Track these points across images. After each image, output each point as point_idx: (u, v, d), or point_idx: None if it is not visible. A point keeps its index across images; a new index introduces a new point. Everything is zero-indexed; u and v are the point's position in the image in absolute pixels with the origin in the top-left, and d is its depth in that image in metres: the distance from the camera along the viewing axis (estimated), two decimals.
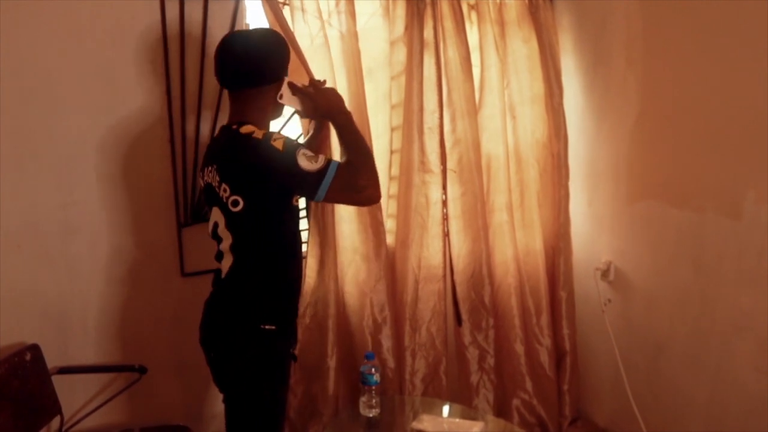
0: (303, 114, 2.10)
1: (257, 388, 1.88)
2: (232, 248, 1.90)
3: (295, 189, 1.86)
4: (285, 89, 1.95)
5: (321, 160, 1.80)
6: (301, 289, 2.05)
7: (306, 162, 1.77)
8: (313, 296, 2.68)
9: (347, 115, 2.00)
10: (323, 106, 2.00)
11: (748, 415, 2.19)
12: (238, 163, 1.83)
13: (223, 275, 1.94)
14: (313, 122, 2.28)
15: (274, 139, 1.78)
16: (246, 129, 1.83)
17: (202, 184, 2.02)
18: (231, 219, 1.87)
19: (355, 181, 1.83)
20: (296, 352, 2.05)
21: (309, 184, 1.79)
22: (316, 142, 2.25)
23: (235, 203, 1.82)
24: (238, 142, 1.83)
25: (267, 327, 1.87)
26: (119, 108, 2.44)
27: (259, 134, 1.81)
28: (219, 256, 1.98)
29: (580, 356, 3.13)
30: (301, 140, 2.29)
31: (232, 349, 1.88)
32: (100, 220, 2.47)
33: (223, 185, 1.84)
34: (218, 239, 1.96)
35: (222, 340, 1.91)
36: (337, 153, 2.39)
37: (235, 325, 1.88)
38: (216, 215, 1.93)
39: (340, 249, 2.73)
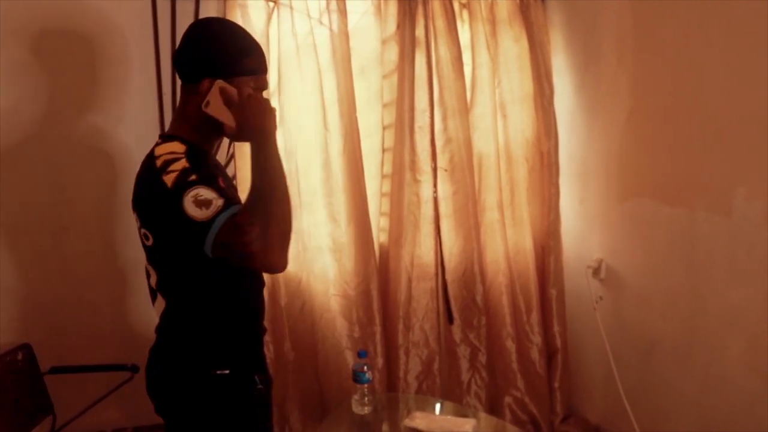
0: (228, 132, 1.53)
1: None
2: (158, 286, 1.59)
3: (183, 239, 1.40)
4: (214, 95, 1.48)
5: (216, 205, 1.35)
6: (260, 321, 1.73)
7: (193, 207, 1.35)
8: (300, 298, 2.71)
9: (268, 135, 1.46)
10: (243, 120, 1.48)
11: (739, 411, 2.20)
12: (139, 191, 1.53)
13: (158, 320, 1.63)
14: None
15: (168, 171, 1.39)
16: (160, 149, 1.46)
17: None
18: (147, 253, 1.58)
19: (242, 234, 1.32)
20: (265, 388, 1.71)
21: (194, 235, 1.36)
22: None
23: (146, 237, 1.53)
24: (146, 163, 1.49)
25: (219, 372, 1.57)
26: (111, 107, 2.44)
27: (163, 159, 1.43)
28: (152, 294, 1.65)
29: (572, 354, 3.14)
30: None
31: (184, 400, 1.58)
32: (93, 219, 2.47)
33: (138, 223, 1.55)
34: (147, 274, 1.65)
35: (171, 391, 1.60)
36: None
37: (184, 374, 1.57)
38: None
39: (324, 247, 2.74)
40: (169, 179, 1.38)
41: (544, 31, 2.97)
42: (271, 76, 2.58)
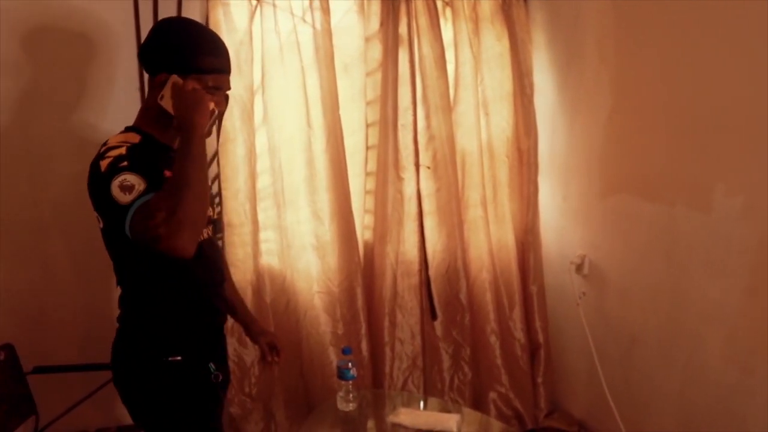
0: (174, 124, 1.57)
1: (170, 426, 1.68)
2: (114, 272, 1.68)
3: (113, 221, 1.46)
4: (167, 89, 1.56)
5: (137, 191, 1.42)
6: (215, 312, 1.79)
7: (118, 191, 1.42)
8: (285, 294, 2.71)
9: (194, 129, 1.50)
10: (176, 112, 1.54)
11: (718, 403, 2.23)
12: (88, 175, 1.55)
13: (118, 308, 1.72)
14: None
15: (105, 157, 1.47)
16: (113, 138, 1.55)
17: None
18: (102, 237, 1.62)
19: (150, 219, 1.38)
20: (222, 377, 1.76)
21: (117, 219, 1.43)
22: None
23: (98, 220, 1.58)
24: (99, 149, 1.54)
25: (171, 359, 1.64)
26: (92, 105, 2.43)
27: (107, 146, 1.52)
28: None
29: (555, 349, 3.16)
30: None
31: (139, 387, 1.67)
32: (74, 218, 2.45)
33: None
34: None
35: (128, 378, 1.68)
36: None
37: (138, 361, 1.66)
38: None
39: (308, 245, 2.75)
40: (103, 164, 1.46)
41: (525, 29, 2.98)
42: (254, 74, 2.59)
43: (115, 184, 1.42)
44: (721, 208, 2.14)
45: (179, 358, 1.65)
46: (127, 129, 1.62)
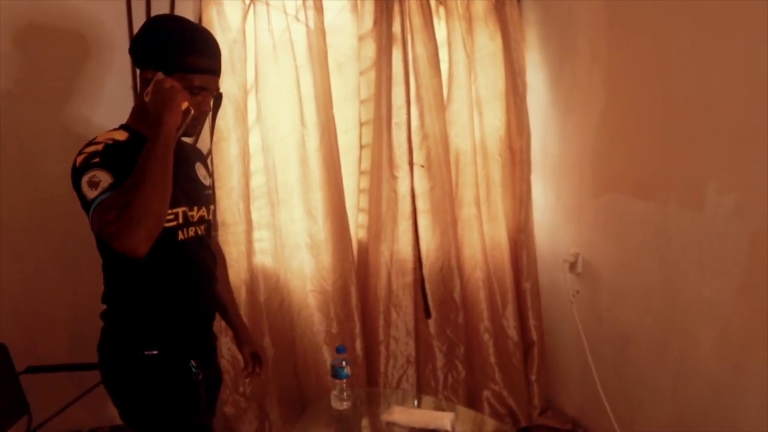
0: None
1: (150, 421, 1.67)
2: (102, 268, 1.70)
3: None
4: (152, 87, 1.55)
5: (102, 187, 1.43)
6: (196, 308, 1.76)
7: (86, 187, 1.43)
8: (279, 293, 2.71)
9: (161, 126, 1.47)
10: (149, 107, 1.53)
11: (711, 401, 2.24)
12: None
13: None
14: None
15: (83, 152, 1.49)
16: (101, 135, 1.57)
17: None
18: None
19: (104, 216, 1.38)
20: (203, 375, 1.74)
21: (85, 211, 1.46)
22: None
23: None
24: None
25: (147, 353, 1.64)
26: (86, 104, 2.43)
27: (89, 141, 1.55)
28: None
29: (549, 347, 3.17)
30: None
31: (118, 381, 1.67)
32: (67, 217, 2.44)
33: None
34: None
35: (109, 374, 1.69)
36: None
37: (117, 354, 1.67)
38: None
39: (302, 244, 2.75)
40: (78, 159, 1.48)
41: (518, 29, 2.99)
42: (248, 73, 2.58)
43: (85, 179, 1.44)
44: (714, 207, 2.15)
45: (155, 352, 1.65)
46: (120, 126, 1.64)
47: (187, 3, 2.50)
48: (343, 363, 2.15)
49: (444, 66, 2.90)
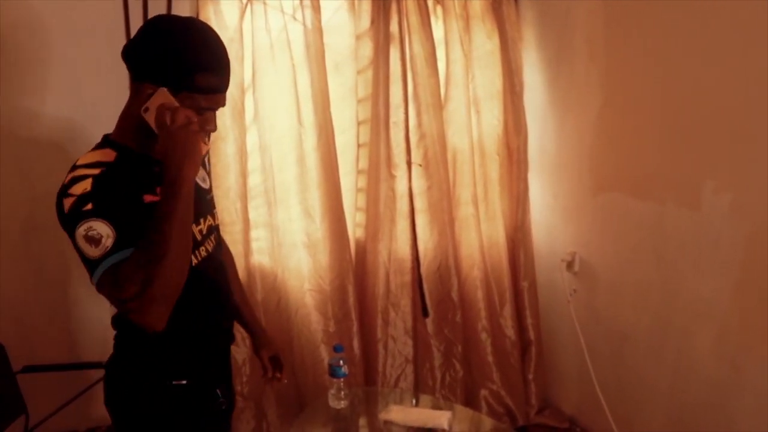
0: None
1: None
2: None
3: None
4: (153, 104, 1.33)
5: (104, 246, 1.24)
6: (218, 332, 1.64)
7: (83, 242, 1.24)
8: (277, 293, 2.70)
9: (182, 182, 1.26)
10: (165, 150, 1.28)
11: (708, 400, 2.24)
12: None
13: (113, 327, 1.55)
14: None
15: (68, 194, 1.29)
16: (84, 157, 1.37)
17: None
18: None
19: (120, 291, 1.21)
20: (227, 402, 1.66)
21: (86, 267, 1.27)
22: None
23: None
24: (67, 174, 1.35)
25: (176, 383, 1.51)
26: (81, 104, 2.43)
27: (72, 174, 1.32)
28: None
29: (547, 346, 3.17)
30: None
31: (141, 412, 1.52)
32: None
33: None
34: None
35: (129, 403, 1.54)
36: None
37: (141, 384, 1.51)
38: None
39: (299, 243, 2.74)
40: (67, 203, 1.28)
41: (515, 28, 2.99)
42: (245, 72, 2.58)
43: (80, 233, 1.25)
44: (710, 206, 2.15)
45: (184, 381, 1.52)
46: (104, 140, 1.43)
47: (184, 3, 2.49)
48: (341, 362, 2.15)
49: (441, 65, 2.90)
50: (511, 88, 2.98)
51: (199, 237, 1.49)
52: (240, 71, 2.55)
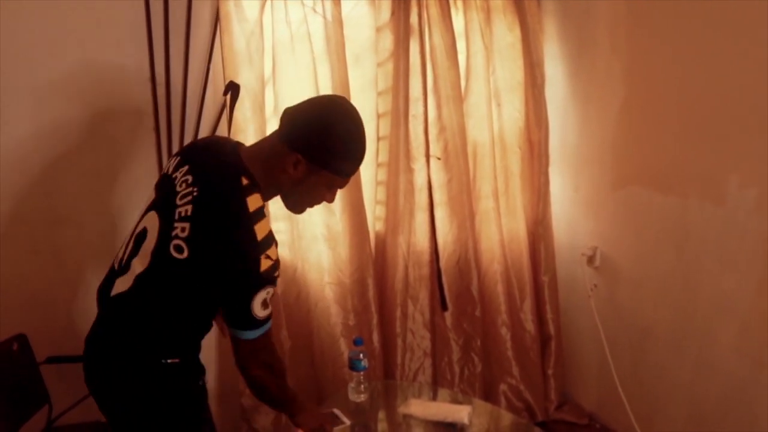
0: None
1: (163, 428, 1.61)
2: (142, 276, 1.53)
3: (225, 303, 1.52)
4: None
5: (265, 314, 1.50)
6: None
7: (258, 304, 1.47)
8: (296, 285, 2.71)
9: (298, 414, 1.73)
10: (292, 409, 1.75)
11: (729, 396, 2.22)
12: (212, 214, 1.47)
13: (113, 297, 1.59)
14: None
15: (267, 255, 1.45)
16: (252, 200, 1.47)
17: (163, 173, 1.65)
18: (164, 251, 1.48)
19: (261, 364, 1.58)
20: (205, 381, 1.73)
21: (240, 320, 1.50)
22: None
23: (179, 249, 1.46)
24: (228, 187, 1.48)
25: (170, 361, 1.57)
26: (104, 98, 2.44)
27: (254, 203, 1.47)
28: (118, 271, 1.61)
29: (567, 341, 3.16)
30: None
31: (129, 387, 1.57)
32: (86, 210, 2.47)
33: (182, 221, 1.48)
34: (133, 252, 1.57)
35: (116, 378, 1.58)
36: None
37: (132, 362, 1.56)
38: (151, 222, 1.55)
39: (319, 236, 2.75)
40: (264, 264, 1.44)
41: (536, 20, 2.96)
42: (265, 65, 2.58)
43: (262, 294, 1.47)
44: (735, 201, 2.13)
45: (177, 360, 1.59)
46: (252, 187, 1.50)
47: (207, 2, 2.50)
48: (361, 355, 2.15)
49: (462, 57, 2.88)
50: (532, 81, 2.96)
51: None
52: (260, 64, 2.55)
